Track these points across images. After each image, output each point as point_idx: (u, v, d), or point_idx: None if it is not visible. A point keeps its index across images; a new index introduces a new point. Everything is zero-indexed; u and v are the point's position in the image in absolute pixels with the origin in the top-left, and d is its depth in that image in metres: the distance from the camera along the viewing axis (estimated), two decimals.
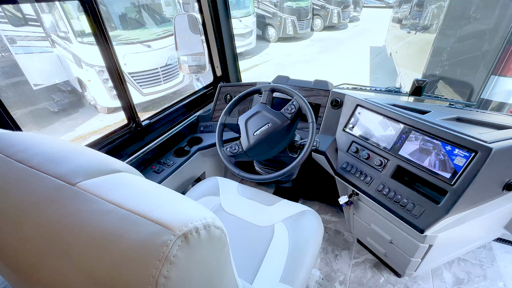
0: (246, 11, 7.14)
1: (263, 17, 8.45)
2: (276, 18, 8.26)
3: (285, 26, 8.24)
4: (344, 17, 9.58)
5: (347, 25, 10.51)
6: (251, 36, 7.26)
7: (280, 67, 6.63)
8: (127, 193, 0.33)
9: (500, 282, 1.24)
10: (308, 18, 8.46)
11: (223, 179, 1.26)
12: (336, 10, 9.24)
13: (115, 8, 4.19)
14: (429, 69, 3.07)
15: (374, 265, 1.35)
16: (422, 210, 0.95)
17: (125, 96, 1.19)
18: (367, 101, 1.21)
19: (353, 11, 10.71)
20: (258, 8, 8.39)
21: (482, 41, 2.64)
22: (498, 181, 0.93)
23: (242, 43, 7.04)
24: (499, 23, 2.45)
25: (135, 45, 4.07)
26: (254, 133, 1.07)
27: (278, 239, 0.98)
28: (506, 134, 0.95)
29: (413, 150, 1.02)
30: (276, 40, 8.67)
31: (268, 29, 8.59)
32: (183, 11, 6.53)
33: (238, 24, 6.90)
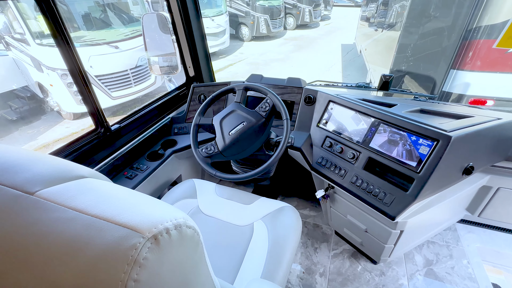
0: (218, 10, 7.07)
1: (236, 16, 8.42)
2: (249, 17, 8.27)
3: (259, 25, 8.28)
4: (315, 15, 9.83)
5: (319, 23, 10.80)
6: (224, 35, 7.20)
7: (255, 66, 6.65)
8: (93, 198, 0.32)
9: (464, 260, 1.34)
10: (281, 17, 8.57)
11: (200, 181, 1.24)
12: (308, 9, 9.45)
13: (77, 7, 3.94)
14: (396, 65, 3.24)
15: (352, 255, 1.40)
16: (393, 198, 1.00)
17: (91, 100, 1.12)
18: (339, 96, 1.25)
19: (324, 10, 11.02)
20: (230, 7, 8.34)
21: (441, 37, 2.83)
22: (458, 166, 1.00)
23: (215, 42, 6.96)
24: (455, 20, 2.64)
25: (101, 47, 3.86)
26: (229, 133, 1.06)
27: (257, 237, 0.98)
28: (464, 123, 1.02)
29: (382, 142, 1.07)
30: (250, 39, 8.68)
31: (241, 28, 8.57)
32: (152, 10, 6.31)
33: (210, 23, 6.81)
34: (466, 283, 1.25)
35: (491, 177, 1.26)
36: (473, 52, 2.42)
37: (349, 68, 6.36)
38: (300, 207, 1.72)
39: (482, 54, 2.39)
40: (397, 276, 1.30)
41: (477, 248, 1.39)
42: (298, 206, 1.72)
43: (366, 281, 1.28)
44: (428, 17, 3.02)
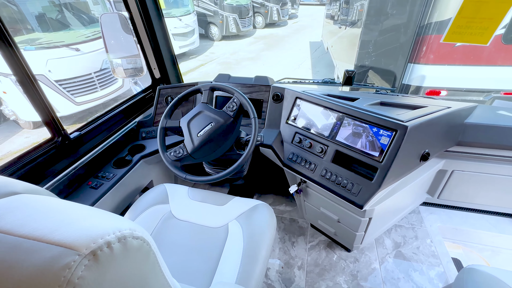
0: (186, 10, 6.90)
1: (205, 16, 8.29)
2: (218, 17, 8.19)
3: (228, 24, 8.23)
4: (283, 14, 9.99)
5: (287, 22, 10.99)
6: (193, 35, 7.05)
7: (226, 66, 6.60)
8: (22, 217, 0.29)
9: (428, 239, 1.45)
10: (249, 16, 8.59)
11: (172, 185, 1.20)
12: (275, 7, 9.58)
13: (30, 7, 3.62)
14: (359, 61, 3.40)
15: (327, 245, 1.46)
16: (360, 188, 1.05)
17: (44, 107, 1.04)
18: (305, 93, 1.28)
19: (291, 8, 11.24)
20: (198, 6, 8.19)
21: (398, 33, 3.02)
22: (416, 153, 1.07)
23: (184, 42, 6.80)
24: (410, 18, 2.83)
25: (60, 49, 3.59)
26: (198, 134, 1.04)
27: (232, 238, 0.97)
28: (418, 113, 1.10)
29: (348, 135, 1.12)
30: (220, 39, 8.60)
31: (210, 28, 8.46)
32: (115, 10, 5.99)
33: (178, 23, 6.63)
34: (430, 260, 1.36)
35: (446, 161, 1.38)
36: (426, 47, 2.62)
37: (318, 65, 6.56)
38: (276, 203, 1.74)
39: (434, 48, 2.60)
40: (370, 261, 1.37)
41: (438, 228, 1.51)
42: (274, 202, 1.75)
43: (341, 269, 1.34)
44: (385, 14, 3.20)
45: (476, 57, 2.58)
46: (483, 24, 1.21)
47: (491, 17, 1.21)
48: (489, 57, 2.55)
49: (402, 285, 1.26)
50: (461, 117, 1.24)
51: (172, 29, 6.46)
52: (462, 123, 1.24)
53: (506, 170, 1.31)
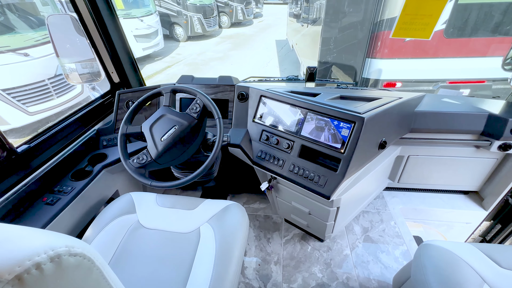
0: (147, 10, 6.63)
1: (168, 16, 8.04)
2: (182, 17, 7.99)
3: (193, 24, 8.06)
4: (248, 13, 10.03)
5: (252, 21, 11.06)
6: (157, 36, 6.80)
7: (194, 67, 6.47)
8: None
9: (392, 222, 1.56)
10: (214, 15, 8.50)
11: (139, 194, 1.15)
12: (240, 7, 9.58)
13: None
14: (322, 57, 3.53)
15: (302, 238, 1.50)
16: (326, 179, 1.09)
17: None
18: (269, 91, 1.30)
19: (256, 7, 11.32)
20: (160, 6, 7.91)
21: (356, 30, 3.18)
22: (374, 142, 1.14)
23: (148, 44, 6.53)
24: (365, 15, 3.00)
25: (5, 55, 3.24)
26: (161, 139, 1.01)
27: (204, 241, 0.96)
28: (374, 104, 1.17)
29: (311, 129, 1.16)
30: (185, 39, 8.39)
31: (175, 28, 8.23)
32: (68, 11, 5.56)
33: (139, 24, 6.35)
34: (395, 241, 1.46)
35: (402, 148, 1.49)
36: (380, 42, 2.80)
37: (285, 62, 6.70)
38: (250, 201, 1.75)
39: (387, 43, 2.79)
40: (342, 248, 1.44)
41: (400, 210, 1.63)
42: (248, 201, 1.75)
43: (316, 259, 1.39)
44: (343, 13, 3.36)
45: (424, 50, 2.82)
46: (424, 20, 1.33)
47: (430, 13, 1.32)
48: (435, 50, 2.80)
49: (372, 267, 1.34)
50: (411, 106, 1.34)
51: (133, 30, 6.17)
52: (413, 111, 1.35)
53: (453, 152, 1.46)
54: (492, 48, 2.77)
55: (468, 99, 1.55)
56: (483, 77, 2.86)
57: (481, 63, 2.77)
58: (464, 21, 2.67)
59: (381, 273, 1.31)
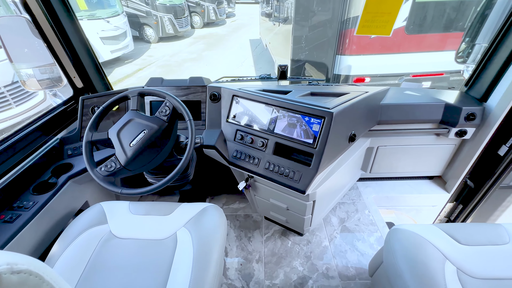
0: (113, 11, 6.33)
1: (136, 17, 7.74)
2: (151, 17, 7.74)
3: (163, 25, 7.84)
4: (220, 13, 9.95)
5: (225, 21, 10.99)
6: (126, 38, 6.53)
7: (167, 69, 6.30)
8: None
9: (366, 210, 1.64)
10: (185, 15, 8.32)
11: (110, 203, 1.11)
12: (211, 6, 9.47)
13: None
14: (295, 55, 3.60)
15: (282, 233, 1.52)
16: (300, 174, 1.11)
17: None
18: (241, 90, 1.30)
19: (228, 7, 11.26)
20: (127, 6, 7.59)
21: (326, 28, 3.28)
22: (344, 135, 1.19)
23: (116, 46, 6.25)
24: (333, 13, 3.09)
25: None
26: (130, 144, 0.97)
27: (181, 246, 0.94)
28: (342, 99, 1.22)
29: (284, 126, 1.18)
30: (157, 41, 8.15)
31: (145, 29, 7.95)
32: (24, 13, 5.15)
33: (106, 25, 6.06)
34: (370, 228, 1.53)
35: (371, 139, 1.56)
36: (349, 40, 2.91)
37: (260, 61, 6.74)
38: (229, 202, 1.74)
39: (355, 40, 2.90)
40: (321, 240, 1.48)
41: (373, 198, 1.72)
42: (227, 202, 1.75)
43: (296, 253, 1.42)
44: (312, 11, 3.44)
45: (389, 46, 2.98)
46: (384, 18, 1.40)
47: (389, 11, 1.40)
48: (398, 46, 2.96)
49: (349, 256, 1.39)
50: (377, 100, 1.41)
51: (99, 32, 5.87)
52: (379, 104, 1.42)
53: (417, 140, 1.56)
54: (448, 42, 2.99)
55: (427, 90, 1.67)
56: (441, 70, 3.08)
57: (439, 57, 2.98)
58: (422, 18, 2.85)
59: (358, 261, 1.37)
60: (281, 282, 1.28)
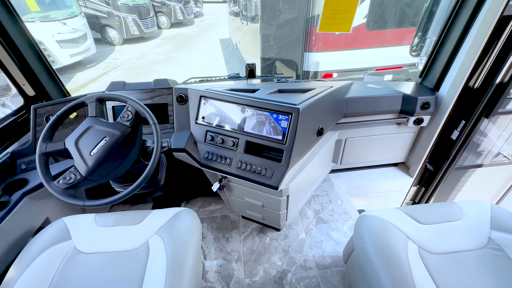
0: (69, 12, 5.92)
1: (97, 18, 7.31)
2: (114, 18, 7.35)
3: (128, 26, 7.49)
4: (188, 13, 9.73)
5: (194, 20, 10.77)
6: (86, 40, 6.14)
7: (134, 72, 6.04)
8: None
9: (339, 200, 1.71)
10: (151, 16, 8.02)
11: (73, 217, 1.04)
12: (178, 6, 9.23)
13: None
14: (264, 53, 3.63)
15: (259, 231, 1.54)
16: (272, 171, 1.13)
17: None
18: (208, 91, 1.28)
19: (195, 6, 11.04)
20: (85, 7, 7.14)
21: (293, 26, 3.34)
22: (312, 130, 1.22)
23: (76, 50, 5.85)
24: (300, 11, 3.16)
25: None
26: (91, 153, 0.92)
27: (154, 254, 0.91)
28: (309, 95, 1.25)
29: (253, 125, 1.18)
30: (121, 43, 7.76)
31: (107, 31, 7.53)
32: None
33: (63, 27, 5.65)
34: (343, 217, 1.60)
35: (339, 132, 1.63)
36: (315, 37, 3.00)
37: (232, 61, 6.71)
38: (205, 204, 1.72)
39: (320, 38, 3.00)
40: (297, 233, 1.51)
41: (345, 188, 1.79)
42: (203, 204, 1.72)
43: (275, 248, 1.44)
44: (279, 10, 3.49)
45: (352, 42, 3.12)
46: (343, 15, 1.46)
47: (347, 9, 1.46)
48: (361, 41, 3.11)
49: (325, 246, 1.44)
50: (342, 94, 1.47)
51: (55, 35, 5.45)
52: (344, 98, 1.48)
53: (381, 130, 1.65)
54: (405, 37, 3.19)
55: (387, 83, 1.77)
56: (400, 63, 3.29)
57: (397, 51, 3.18)
58: (380, 15, 3.02)
59: (334, 249, 1.42)
60: (261, 279, 1.29)
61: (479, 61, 1.30)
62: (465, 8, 1.31)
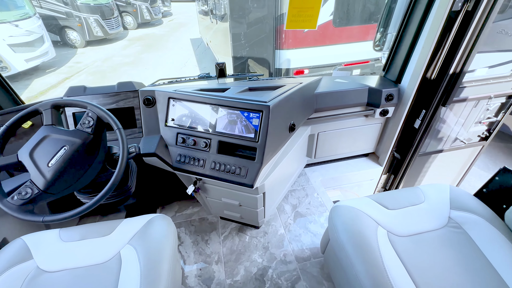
0: (22, 13, 5.45)
1: (54, 19, 6.80)
2: (74, 19, 6.89)
3: (90, 27, 7.06)
4: (155, 12, 9.39)
5: (162, 20, 10.43)
6: (43, 43, 5.69)
7: (100, 75, 5.73)
8: None
9: (315, 193, 1.75)
10: (115, 16, 7.63)
11: (34, 235, 0.96)
12: (144, 5, 8.87)
13: None
14: (236, 52, 3.61)
15: (239, 230, 1.53)
16: (246, 169, 1.13)
17: None
18: (177, 92, 1.25)
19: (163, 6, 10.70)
20: (40, 7, 6.62)
21: (263, 25, 3.35)
22: (284, 126, 1.24)
23: (32, 54, 5.41)
24: (269, 10, 3.17)
25: None
26: (49, 164, 0.85)
27: (127, 265, 0.87)
28: (279, 92, 1.26)
29: (225, 124, 1.17)
30: (84, 45, 7.31)
31: (67, 33, 7.05)
32: None
33: (15, 30, 5.19)
34: (319, 210, 1.65)
35: (311, 127, 1.67)
36: (285, 34, 3.03)
37: (204, 61, 6.60)
38: (182, 209, 1.68)
39: (290, 35, 3.04)
40: (276, 229, 1.53)
41: (320, 181, 1.84)
42: (180, 209, 1.68)
43: (255, 246, 1.44)
44: (248, 8, 3.48)
45: (321, 39, 3.20)
46: (308, 13, 1.49)
47: (312, 6, 1.49)
48: (329, 38, 3.21)
49: (303, 239, 1.47)
50: (311, 89, 1.51)
51: (6, 38, 4.99)
52: (313, 94, 1.51)
53: (350, 123, 1.71)
54: (370, 33, 3.34)
55: (354, 77, 1.84)
56: (367, 58, 3.44)
57: (363, 46, 3.32)
58: (345, 12, 3.13)
59: (312, 241, 1.46)
60: (242, 278, 1.29)
61: (434, 54, 1.39)
62: (419, 4, 1.39)
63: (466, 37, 1.28)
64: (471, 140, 1.89)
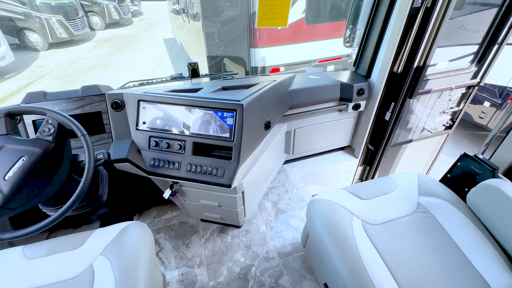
0: None
1: (11, 20, 6.29)
2: (33, 20, 6.42)
3: (52, 28, 6.61)
4: (124, 12, 9.01)
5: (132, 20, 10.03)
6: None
7: (67, 79, 5.40)
8: None
9: (295, 189, 1.78)
10: (80, 16, 7.21)
11: None
12: (112, 5, 8.47)
13: None
14: (210, 52, 3.56)
15: (220, 231, 1.52)
16: (223, 170, 1.11)
17: None
18: (147, 94, 1.20)
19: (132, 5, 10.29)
20: None
21: (237, 23, 3.32)
22: (259, 124, 1.24)
23: None
24: (242, 8, 3.16)
25: None
26: (5, 177, 0.79)
27: (100, 278, 0.83)
28: (252, 90, 1.26)
29: (199, 125, 1.15)
30: (46, 48, 6.84)
31: (26, 35, 6.55)
32: None
33: None
34: (300, 205, 1.67)
35: (287, 124, 1.68)
36: (258, 33, 3.04)
37: (179, 61, 6.44)
38: (161, 214, 1.63)
39: (264, 33, 3.05)
40: (258, 227, 1.53)
41: (299, 177, 1.87)
42: (158, 214, 1.63)
43: (237, 246, 1.43)
44: (221, 7, 3.44)
45: (294, 37, 3.25)
46: (278, 10, 1.50)
47: (282, 4, 1.50)
48: (302, 35, 3.26)
49: (285, 234, 1.49)
50: (285, 86, 1.52)
51: None
52: (287, 91, 1.53)
53: (325, 118, 1.75)
54: (341, 30, 3.44)
55: (327, 73, 1.89)
56: (339, 54, 3.54)
57: (335, 43, 3.41)
58: (317, 10, 3.20)
59: (293, 237, 1.48)
60: (225, 279, 1.28)
61: (399, 49, 1.46)
62: (383, 1, 1.45)
63: (426, 32, 1.36)
64: (437, 129, 2.01)
